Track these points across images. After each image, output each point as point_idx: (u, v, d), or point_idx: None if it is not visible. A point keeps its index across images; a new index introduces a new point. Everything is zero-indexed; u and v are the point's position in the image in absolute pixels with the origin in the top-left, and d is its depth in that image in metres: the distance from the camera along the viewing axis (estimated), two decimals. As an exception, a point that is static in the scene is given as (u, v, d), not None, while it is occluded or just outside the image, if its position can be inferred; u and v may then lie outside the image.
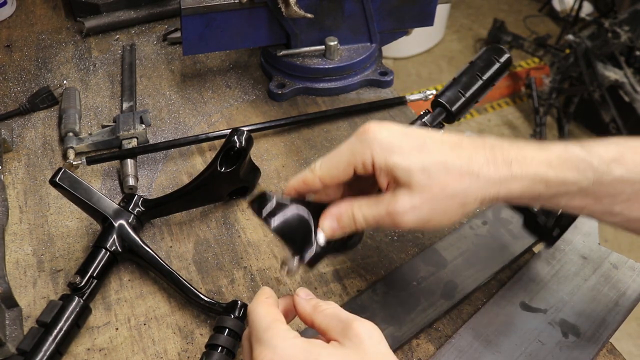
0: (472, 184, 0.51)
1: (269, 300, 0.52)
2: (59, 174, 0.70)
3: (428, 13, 0.98)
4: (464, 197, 0.52)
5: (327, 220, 0.55)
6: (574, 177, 0.53)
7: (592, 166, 0.53)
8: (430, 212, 0.52)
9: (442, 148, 0.52)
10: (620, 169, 0.53)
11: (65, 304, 0.65)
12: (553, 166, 0.52)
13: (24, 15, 1.16)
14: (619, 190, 0.54)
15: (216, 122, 0.94)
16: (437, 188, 0.51)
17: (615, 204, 0.55)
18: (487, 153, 0.52)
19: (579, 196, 0.54)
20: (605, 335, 0.65)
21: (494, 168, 0.51)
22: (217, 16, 0.90)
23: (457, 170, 0.51)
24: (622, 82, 2.30)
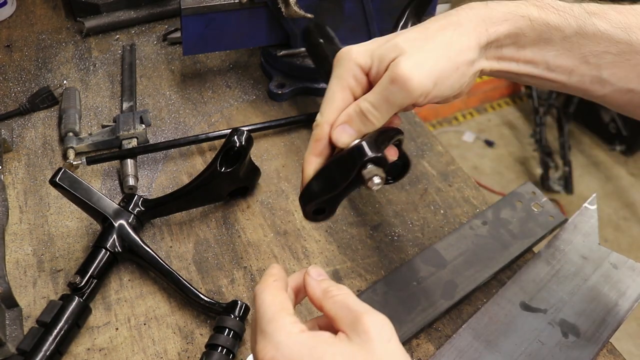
0: (455, 30, 0.51)
1: (277, 284, 0.49)
2: (59, 174, 0.70)
3: (428, 13, 0.98)
4: (456, 41, 0.51)
5: (338, 129, 0.52)
6: (556, 20, 0.52)
7: (572, 12, 0.52)
8: (435, 66, 0.50)
9: (414, 29, 0.53)
10: (604, 23, 0.52)
11: (65, 304, 0.65)
12: (534, 4, 0.53)
13: (24, 15, 1.16)
14: (603, 48, 0.53)
15: (216, 122, 0.94)
16: (429, 42, 0.51)
17: (602, 68, 0.54)
18: (459, 10, 0.53)
19: (564, 50, 0.53)
20: (605, 335, 0.65)
21: (471, 11, 0.52)
22: (217, 16, 0.90)
23: (436, 25, 0.52)
24: (622, 82, 2.30)
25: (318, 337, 0.44)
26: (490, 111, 2.90)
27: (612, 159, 2.65)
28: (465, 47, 0.52)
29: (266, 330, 0.45)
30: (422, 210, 0.80)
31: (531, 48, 0.54)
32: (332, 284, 0.49)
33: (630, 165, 2.62)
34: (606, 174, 2.59)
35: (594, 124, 2.65)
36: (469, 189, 0.83)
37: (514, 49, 0.54)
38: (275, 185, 0.84)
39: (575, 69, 0.54)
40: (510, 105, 2.93)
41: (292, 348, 0.43)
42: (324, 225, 0.78)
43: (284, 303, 0.47)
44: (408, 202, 0.81)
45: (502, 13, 0.52)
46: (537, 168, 2.55)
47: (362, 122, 0.52)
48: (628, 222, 2.39)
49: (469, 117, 2.86)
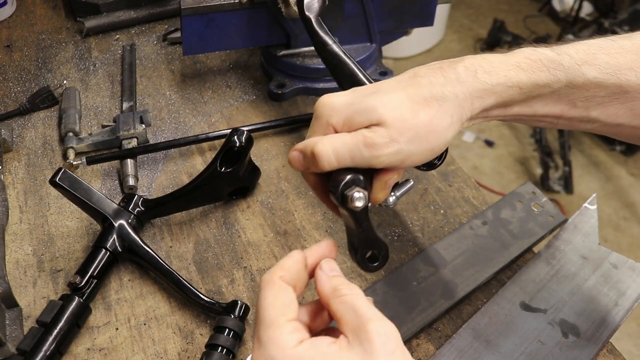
0: (440, 107, 0.49)
1: (281, 282, 0.45)
2: (59, 174, 0.70)
3: (428, 13, 0.98)
4: (438, 122, 0.49)
5: (294, 153, 0.53)
6: (546, 78, 0.51)
7: (562, 66, 0.51)
8: (409, 144, 0.49)
9: (398, 85, 0.51)
10: (593, 71, 0.51)
11: (65, 304, 0.65)
12: (524, 69, 0.51)
13: (24, 15, 1.16)
14: (592, 94, 0.52)
15: (216, 122, 0.94)
16: (406, 119, 0.49)
17: (591, 109, 0.53)
18: (446, 72, 0.50)
19: (552, 101, 0.53)
20: (605, 335, 0.65)
21: (459, 84, 0.50)
22: (217, 16, 0.90)
23: (420, 97, 0.49)
24: (622, 82, 2.30)
25: (314, 348, 0.42)
26: (490, 111, 2.90)
27: (612, 159, 2.65)
28: (447, 126, 0.50)
29: (262, 338, 0.43)
30: (422, 210, 0.80)
31: (519, 106, 0.53)
32: (343, 282, 0.46)
33: (630, 165, 2.62)
34: (606, 174, 2.59)
35: (594, 124, 2.65)
36: (469, 189, 0.83)
37: (501, 109, 0.53)
38: (275, 185, 0.84)
39: (563, 114, 0.54)
40: (510, 105, 2.93)
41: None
42: (323, 225, 0.78)
43: (285, 305, 0.45)
44: (408, 202, 0.81)
45: (491, 86, 0.50)
46: (537, 168, 2.55)
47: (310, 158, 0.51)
48: (628, 222, 2.39)
49: (469, 117, 2.85)
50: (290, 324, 0.43)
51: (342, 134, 0.50)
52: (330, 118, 0.51)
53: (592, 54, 0.52)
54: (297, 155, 0.53)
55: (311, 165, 0.52)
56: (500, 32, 2.96)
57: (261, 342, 0.43)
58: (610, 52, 0.52)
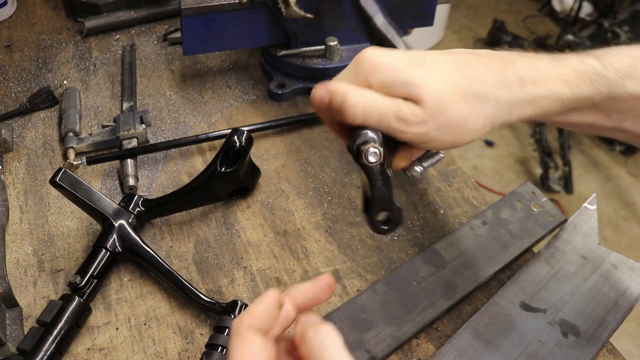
0: (478, 107, 0.48)
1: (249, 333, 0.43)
2: (59, 174, 0.70)
3: (428, 13, 0.98)
4: (472, 118, 0.48)
5: (319, 90, 0.50)
6: (589, 92, 0.49)
7: (607, 80, 0.49)
8: (441, 131, 0.48)
9: (442, 66, 0.48)
10: (635, 85, 0.50)
11: (66, 304, 0.65)
12: (569, 82, 0.49)
13: (24, 16, 1.16)
14: (629, 106, 0.51)
15: (216, 122, 0.94)
16: (445, 107, 0.47)
17: (625, 120, 0.52)
18: (496, 72, 0.48)
19: (589, 111, 0.51)
20: (605, 335, 0.65)
21: (505, 90, 0.48)
22: (217, 16, 0.90)
23: (464, 90, 0.47)
24: (622, 82, 2.30)
25: None
26: (490, 111, 2.90)
27: (612, 159, 2.65)
28: (478, 127, 0.49)
29: None
30: (422, 210, 0.80)
31: (555, 116, 0.52)
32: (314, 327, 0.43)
33: (630, 165, 2.62)
34: (606, 174, 2.59)
35: (594, 124, 2.65)
36: (469, 189, 0.83)
37: (536, 117, 0.52)
38: (275, 185, 0.84)
39: (596, 123, 0.53)
40: (510, 105, 2.93)
41: None
42: (324, 225, 0.78)
43: (255, 356, 0.42)
44: (408, 202, 0.81)
45: (534, 97, 0.49)
46: (537, 168, 2.55)
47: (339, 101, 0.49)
48: (628, 222, 2.39)
49: (469, 117, 2.85)
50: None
51: (378, 96, 0.48)
52: (370, 74, 0.49)
53: (635, 67, 0.51)
54: (323, 96, 0.50)
55: (334, 111, 0.50)
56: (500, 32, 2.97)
57: None
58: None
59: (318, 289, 0.47)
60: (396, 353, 0.65)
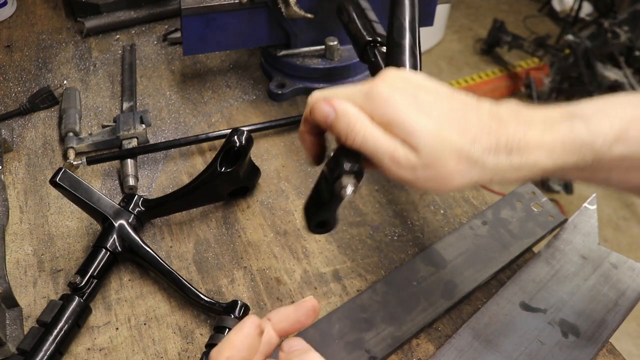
0: (468, 168, 0.49)
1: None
2: (59, 174, 0.70)
3: (428, 13, 0.98)
4: (458, 177, 0.49)
5: (325, 105, 0.50)
6: (573, 161, 0.50)
7: (593, 149, 0.50)
8: (426, 181, 0.49)
9: (448, 121, 0.49)
10: (621, 147, 0.50)
11: (66, 304, 0.65)
12: (554, 154, 0.50)
13: (24, 16, 1.16)
14: (615, 165, 0.52)
15: (216, 122, 0.94)
16: (436, 161, 0.48)
17: (612, 177, 0.53)
18: (491, 136, 0.49)
19: (573, 173, 0.52)
20: (605, 335, 0.65)
21: (494, 156, 0.49)
22: (217, 16, 0.90)
23: (459, 152, 0.48)
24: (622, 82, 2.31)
25: None
26: (490, 111, 2.90)
27: (612, 159, 2.65)
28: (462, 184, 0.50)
29: None
30: (422, 210, 0.80)
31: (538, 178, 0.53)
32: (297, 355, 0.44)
33: (630, 165, 2.62)
34: (606, 174, 2.59)
35: (594, 124, 2.65)
36: (469, 189, 0.83)
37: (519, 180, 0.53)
38: (275, 185, 0.84)
39: (580, 177, 0.54)
40: (510, 105, 2.93)
41: None
42: (324, 225, 0.78)
43: None
44: (408, 202, 0.81)
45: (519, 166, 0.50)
46: (537, 168, 2.55)
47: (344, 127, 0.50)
48: (628, 222, 2.39)
49: (469, 117, 2.86)
50: None
51: (379, 131, 0.49)
52: (378, 108, 0.49)
53: (626, 129, 0.51)
54: (329, 112, 0.50)
55: (332, 126, 0.50)
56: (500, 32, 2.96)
57: None
58: None
59: (301, 314, 0.48)
60: (396, 353, 0.65)
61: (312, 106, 0.51)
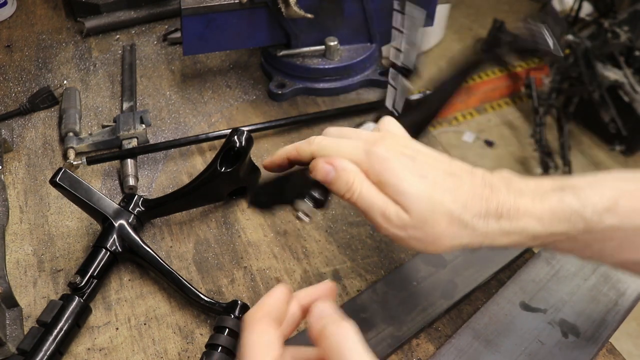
0: (459, 231, 0.51)
1: (263, 322, 0.44)
2: (59, 174, 0.70)
3: (428, 13, 0.98)
4: (449, 241, 0.52)
5: (325, 164, 0.53)
6: (563, 229, 0.52)
7: (583, 218, 0.52)
8: (415, 241, 0.52)
9: (442, 186, 0.51)
10: (613, 218, 0.52)
11: (66, 304, 0.65)
12: (543, 221, 0.52)
13: (24, 16, 1.16)
14: (608, 237, 0.53)
15: (216, 122, 0.94)
16: (429, 224, 0.51)
17: (605, 250, 0.54)
18: (482, 202, 0.51)
19: (567, 242, 0.54)
20: (605, 335, 0.65)
21: (484, 221, 0.51)
22: (217, 16, 0.90)
23: (450, 215, 0.51)
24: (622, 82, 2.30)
25: None
26: (490, 111, 2.90)
27: (612, 159, 2.65)
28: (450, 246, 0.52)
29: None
30: (422, 210, 0.80)
31: (529, 246, 0.55)
32: (333, 322, 0.44)
33: (630, 165, 2.62)
34: (606, 174, 2.59)
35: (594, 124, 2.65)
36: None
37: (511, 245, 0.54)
38: (275, 185, 0.84)
39: (575, 249, 0.55)
40: (510, 105, 2.93)
41: None
42: (324, 225, 0.78)
43: (269, 346, 0.43)
44: (408, 202, 0.81)
45: (507, 232, 0.52)
46: (537, 168, 2.55)
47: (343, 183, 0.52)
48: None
49: (469, 117, 2.86)
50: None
51: (373, 190, 0.52)
52: (375, 168, 0.52)
53: (615, 200, 0.52)
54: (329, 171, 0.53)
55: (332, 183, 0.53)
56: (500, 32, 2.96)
57: None
58: (632, 196, 0.52)
59: (322, 293, 0.49)
60: (396, 353, 0.65)
61: (313, 165, 0.53)
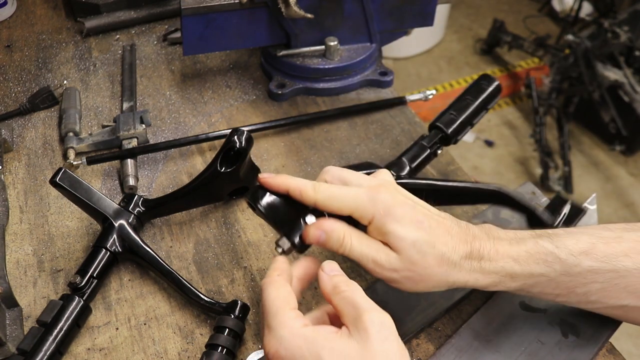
0: (448, 270, 0.55)
1: (281, 279, 0.52)
2: (59, 174, 0.70)
3: (428, 13, 0.98)
4: (437, 279, 0.56)
5: (316, 230, 0.56)
6: (541, 270, 0.56)
7: (559, 259, 0.56)
8: (406, 280, 0.56)
9: (436, 231, 0.56)
10: (590, 261, 0.56)
11: (66, 304, 0.65)
12: (520, 261, 0.56)
13: (24, 16, 1.16)
14: (590, 280, 0.56)
15: (216, 122, 0.94)
16: (420, 265, 0.55)
17: (590, 294, 0.57)
18: (467, 246, 0.56)
19: (549, 287, 0.57)
20: (605, 335, 0.65)
21: (468, 261, 0.56)
22: (217, 16, 0.90)
23: (441, 256, 0.55)
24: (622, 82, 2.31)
25: (318, 331, 0.48)
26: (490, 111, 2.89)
27: (612, 159, 2.65)
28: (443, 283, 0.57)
29: (271, 324, 0.49)
30: (422, 210, 0.80)
31: (515, 288, 0.58)
32: (343, 280, 0.52)
33: (630, 165, 2.62)
34: (606, 174, 2.59)
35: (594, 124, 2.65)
36: (469, 189, 0.83)
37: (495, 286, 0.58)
38: (275, 185, 0.84)
39: (561, 295, 0.58)
40: (510, 105, 2.93)
41: (293, 342, 0.47)
42: (324, 225, 0.78)
43: (288, 297, 0.51)
44: (408, 202, 0.81)
45: (488, 272, 0.56)
46: (537, 168, 2.55)
47: (334, 244, 0.56)
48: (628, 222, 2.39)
49: (469, 117, 2.85)
50: (293, 311, 0.50)
51: (364, 239, 0.56)
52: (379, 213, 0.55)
53: (592, 244, 0.56)
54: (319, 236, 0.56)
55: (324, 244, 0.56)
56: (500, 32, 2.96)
57: (271, 328, 0.49)
58: (608, 242, 0.57)
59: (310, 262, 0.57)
60: (396, 353, 0.65)
61: (307, 230, 0.57)
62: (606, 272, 0.56)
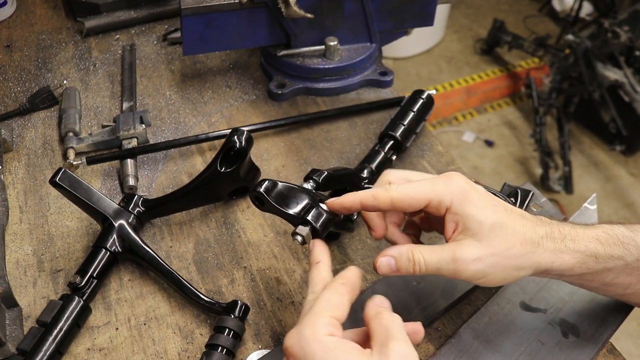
0: (532, 250, 0.54)
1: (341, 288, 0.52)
2: (59, 174, 0.70)
3: (428, 13, 0.98)
4: (523, 260, 0.54)
5: (384, 259, 0.56)
6: (620, 252, 0.56)
7: (636, 243, 0.57)
8: (491, 268, 0.54)
9: (512, 214, 0.56)
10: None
11: (66, 304, 0.65)
12: (602, 241, 0.56)
13: (24, 15, 1.16)
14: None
15: (216, 122, 0.94)
16: (503, 246, 0.54)
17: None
18: (546, 228, 0.56)
19: (624, 273, 0.58)
20: (605, 335, 0.65)
21: (551, 241, 0.55)
22: (217, 16, 0.90)
23: (522, 235, 0.54)
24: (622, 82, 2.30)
25: (340, 344, 0.48)
26: (490, 111, 2.90)
27: (612, 159, 2.65)
28: (528, 265, 0.55)
29: (303, 320, 0.50)
30: (422, 210, 0.80)
31: (591, 274, 0.58)
32: (388, 310, 0.52)
33: (630, 165, 2.62)
34: (606, 174, 2.59)
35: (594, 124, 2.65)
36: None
37: (576, 277, 0.58)
38: (275, 185, 0.84)
39: (632, 284, 0.59)
40: (510, 105, 2.93)
41: (311, 345, 0.47)
42: (324, 225, 0.78)
43: (335, 305, 0.51)
44: (408, 202, 0.81)
45: (571, 250, 0.56)
46: (537, 168, 2.55)
47: (406, 266, 0.55)
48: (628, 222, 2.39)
49: (468, 117, 2.86)
50: (329, 319, 0.50)
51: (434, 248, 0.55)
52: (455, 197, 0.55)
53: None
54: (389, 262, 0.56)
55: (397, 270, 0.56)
56: (500, 32, 2.96)
57: (301, 323, 0.50)
58: None
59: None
60: (396, 353, 0.65)
61: (376, 262, 0.56)
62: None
